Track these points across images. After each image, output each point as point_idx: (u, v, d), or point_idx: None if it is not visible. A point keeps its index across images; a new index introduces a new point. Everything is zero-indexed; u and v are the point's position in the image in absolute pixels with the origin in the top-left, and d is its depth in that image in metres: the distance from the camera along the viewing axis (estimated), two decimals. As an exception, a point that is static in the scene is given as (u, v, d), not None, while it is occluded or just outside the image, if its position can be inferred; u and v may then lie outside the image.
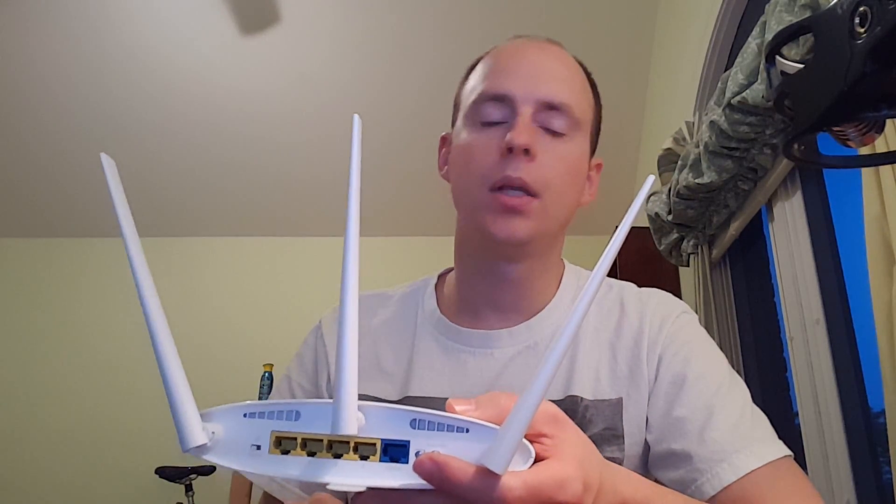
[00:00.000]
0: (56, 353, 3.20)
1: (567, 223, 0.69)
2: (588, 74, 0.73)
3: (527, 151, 0.62)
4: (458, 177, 0.69)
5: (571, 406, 0.63)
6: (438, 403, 0.63)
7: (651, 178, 0.36)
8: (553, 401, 0.63)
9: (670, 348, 0.65)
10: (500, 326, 0.68)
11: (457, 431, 0.32)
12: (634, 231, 2.23)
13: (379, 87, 2.77)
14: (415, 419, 0.33)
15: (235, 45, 2.56)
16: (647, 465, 0.63)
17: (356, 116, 0.35)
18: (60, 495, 2.97)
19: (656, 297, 0.71)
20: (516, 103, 0.65)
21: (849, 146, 0.66)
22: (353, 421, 0.31)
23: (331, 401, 0.31)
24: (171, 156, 3.02)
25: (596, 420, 0.62)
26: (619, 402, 0.63)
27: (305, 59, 2.65)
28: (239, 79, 2.71)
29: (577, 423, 0.61)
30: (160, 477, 2.70)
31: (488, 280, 0.69)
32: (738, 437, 0.58)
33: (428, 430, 0.32)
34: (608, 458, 0.60)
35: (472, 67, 0.73)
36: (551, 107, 0.65)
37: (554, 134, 0.65)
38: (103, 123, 2.85)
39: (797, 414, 1.50)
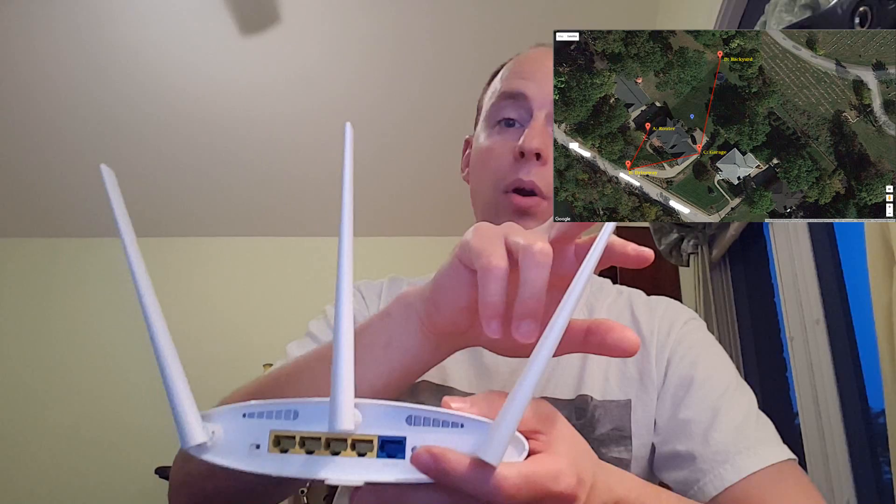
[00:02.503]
0: (56, 353, 3.20)
1: None
2: None
3: (538, 156, 0.63)
4: (475, 179, 0.71)
5: (582, 405, 0.63)
6: (449, 394, 0.64)
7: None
8: (564, 400, 0.64)
9: (678, 351, 0.65)
10: None
11: (452, 427, 0.33)
12: (634, 231, 2.23)
13: (378, 87, 2.77)
14: (410, 415, 0.33)
15: (235, 45, 2.56)
16: (653, 466, 0.64)
17: (348, 124, 0.35)
18: (61, 495, 2.97)
19: (665, 303, 0.72)
20: (532, 106, 0.66)
21: (849, 146, 0.66)
22: (350, 419, 0.31)
23: (328, 399, 0.32)
24: (172, 155, 3.02)
25: (604, 420, 0.63)
26: (628, 403, 0.64)
27: (305, 59, 2.65)
28: (239, 79, 2.71)
29: (586, 422, 0.62)
30: (160, 477, 2.70)
31: None
32: (742, 439, 0.58)
33: (424, 425, 0.33)
34: (615, 459, 0.61)
35: (496, 73, 0.75)
36: None
37: None
38: (105, 122, 2.85)
39: (797, 414, 1.50)
